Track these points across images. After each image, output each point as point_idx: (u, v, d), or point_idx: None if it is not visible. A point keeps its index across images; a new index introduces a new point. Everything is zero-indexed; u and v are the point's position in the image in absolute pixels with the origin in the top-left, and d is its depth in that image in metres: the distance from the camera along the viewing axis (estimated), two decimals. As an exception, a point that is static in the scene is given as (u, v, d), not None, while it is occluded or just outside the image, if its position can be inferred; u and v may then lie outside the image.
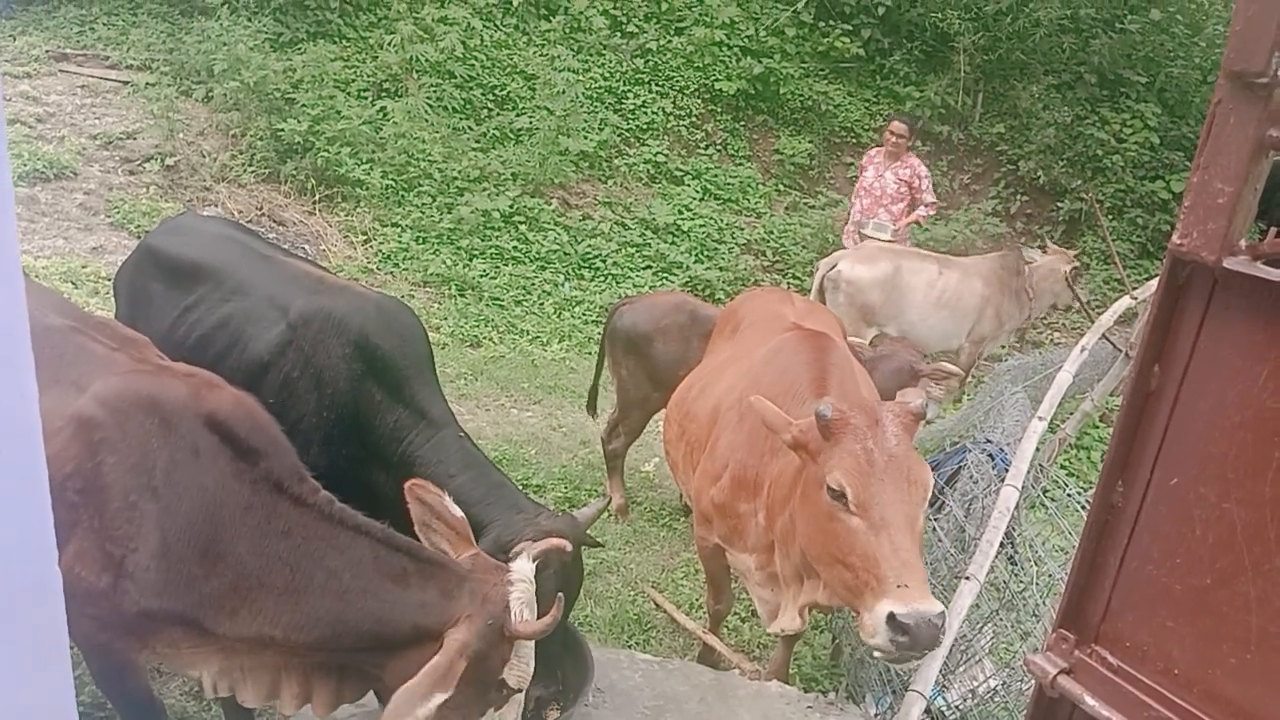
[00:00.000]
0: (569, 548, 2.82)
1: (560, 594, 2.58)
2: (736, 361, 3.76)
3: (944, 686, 3.58)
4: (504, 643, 2.45)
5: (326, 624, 2.42)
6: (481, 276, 8.17)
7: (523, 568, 2.55)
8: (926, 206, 7.73)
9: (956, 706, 3.49)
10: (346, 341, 3.18)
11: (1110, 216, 10.67)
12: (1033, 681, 1.49)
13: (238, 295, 3.38)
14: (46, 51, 8.88)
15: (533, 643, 2.51)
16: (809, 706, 3.32)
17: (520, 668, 2.50)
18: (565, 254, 8.75)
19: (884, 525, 2.50)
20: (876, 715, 3.43)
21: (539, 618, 2.50)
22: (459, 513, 2.67)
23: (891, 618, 2.39)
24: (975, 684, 3.54)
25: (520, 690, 2.53)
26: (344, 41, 9.78)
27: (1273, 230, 1.30)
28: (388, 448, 3.17)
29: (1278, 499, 1.21)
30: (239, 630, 2.45)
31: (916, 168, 7.78)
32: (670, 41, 10.87)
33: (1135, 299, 6.41)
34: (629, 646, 3.98)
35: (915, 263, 6.94)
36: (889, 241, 7.38)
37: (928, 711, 3.33)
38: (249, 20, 9.20)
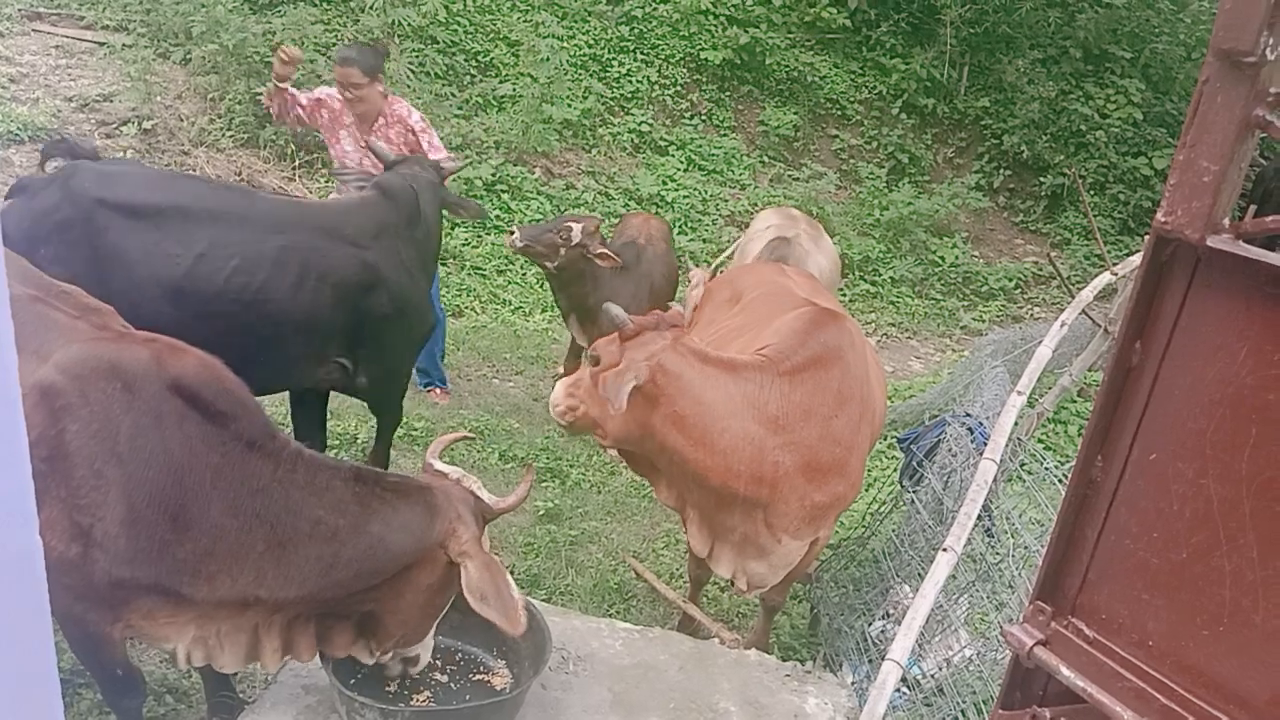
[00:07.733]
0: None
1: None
2: (749, 329, 3.79)
3: (920, 656, 3.62)
4: (484, 524, 2.74)
5: (320, 571, 2.48)
6: (463, 245, 8.12)
7: (448, 468, 2.80)
8: (450, 158, 5.11)
9: (932, 675, 3.54)
10: None
11: (1092, 192, 10.70)
12: (1007, 651, 1.51)
13: None
14: (19, 10, 8.67)
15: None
16: (787, 675, 3.36)
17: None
18: (548, 223, 8.70)
19: None
20: (853, 684, 3.48)
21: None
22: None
23: None
24: (951, 653, 3.59)
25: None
26: (325, 4, 9.60)
27: (1252, 209, 1.31)
28: None
29: (1253, 475, 1.22)
30: (218, 595, 2.45)
31: (405, 117, 5.08)
32: (656, 9, 10.76)
33: (1115, 275, 6.42)
34: (609, 615, 4.00)
35: None
36: None
37: (904, 680, 3.38)
38: (227, -19, 9.01)
